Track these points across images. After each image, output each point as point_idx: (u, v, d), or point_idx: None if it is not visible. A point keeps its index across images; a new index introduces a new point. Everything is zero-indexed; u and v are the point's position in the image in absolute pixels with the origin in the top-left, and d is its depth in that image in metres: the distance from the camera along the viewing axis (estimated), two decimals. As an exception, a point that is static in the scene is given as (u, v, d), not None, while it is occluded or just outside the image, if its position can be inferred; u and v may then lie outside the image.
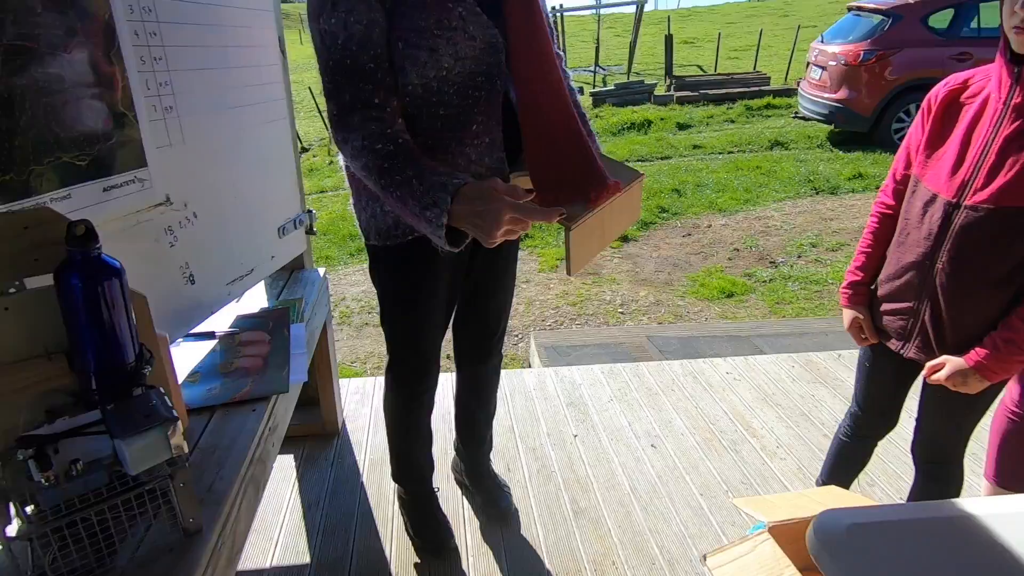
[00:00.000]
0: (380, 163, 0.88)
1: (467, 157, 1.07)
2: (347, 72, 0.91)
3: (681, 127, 9.24)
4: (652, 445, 1.92)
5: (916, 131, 1.12)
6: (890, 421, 1.34)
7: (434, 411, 1.46)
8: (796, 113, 8.47)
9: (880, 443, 1.40)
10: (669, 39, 12.24)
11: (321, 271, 1.73)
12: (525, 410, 2.07)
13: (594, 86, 12.28)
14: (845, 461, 1.44)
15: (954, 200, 1.02)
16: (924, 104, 1.11)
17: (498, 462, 1.79)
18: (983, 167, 0.99)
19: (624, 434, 1.97)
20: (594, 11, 19.41)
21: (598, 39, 16.57)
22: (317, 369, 1.75)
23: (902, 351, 1.17)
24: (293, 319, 1.39)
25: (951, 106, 1.06)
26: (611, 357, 2.66)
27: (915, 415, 1.26)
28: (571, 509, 1.64)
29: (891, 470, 1.80)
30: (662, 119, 9.51)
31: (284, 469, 1.77)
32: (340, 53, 0.90)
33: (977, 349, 1.04)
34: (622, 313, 3.65)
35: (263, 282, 1.54)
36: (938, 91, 1.09)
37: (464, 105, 1.01)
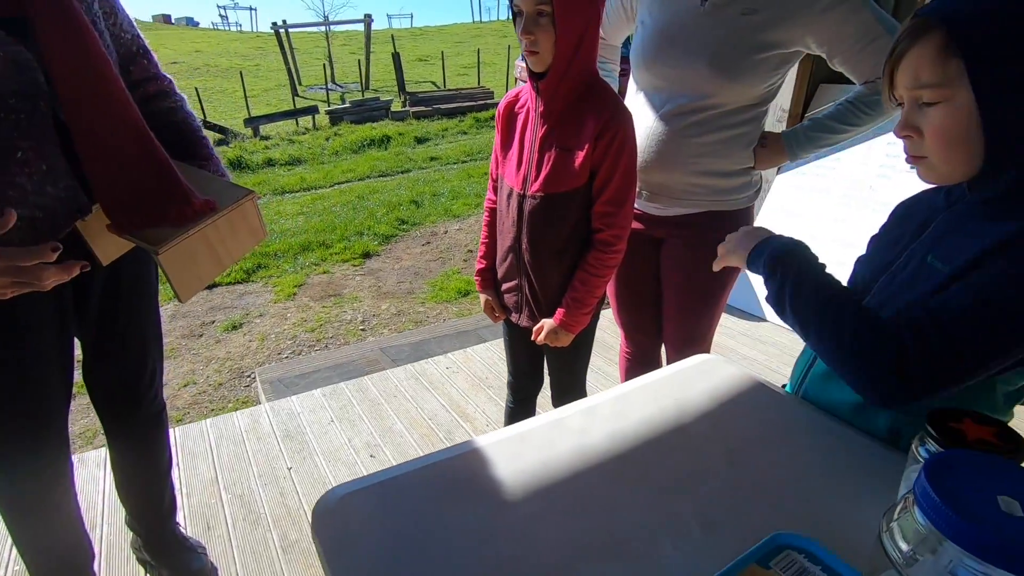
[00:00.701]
0: None
1: (21, 189, 0.93)
2: None
3: (419, 141, 9.61)
4: (371, 455, 1.94)
5: (496, 136, 1.33)
6: (537, 380, 1.57)
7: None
8: (515, 122, 9.44)
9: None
10: (397, 57, 12.62)
11: None
12: (233, 456, 1.92)
13: (329, 104, 12.03)
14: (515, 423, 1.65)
15: (521, 192, 1.24)
16: (496, 113, 1.33)
17: (196, 524, 1.62)
18: (533, 163, 1.22)
19: (343, 452, 1.95)
20: (322, 28, 18.98)
21: (330, 56, 16.28)
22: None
23: (518, 321, 1.38)
24: None
25: (510, 115, 1.28)
26: (342, 377, 2.62)
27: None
28: (279, 546, 1.57)
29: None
30: (400, 134, 9.76)
31: None
32: None
33: (559, 310, 1.28)
34: (363, 330, 3.64)
35: None
36: (503, 102, 1.31)
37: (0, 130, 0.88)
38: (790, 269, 0.72)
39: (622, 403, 0.79)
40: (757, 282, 2.98)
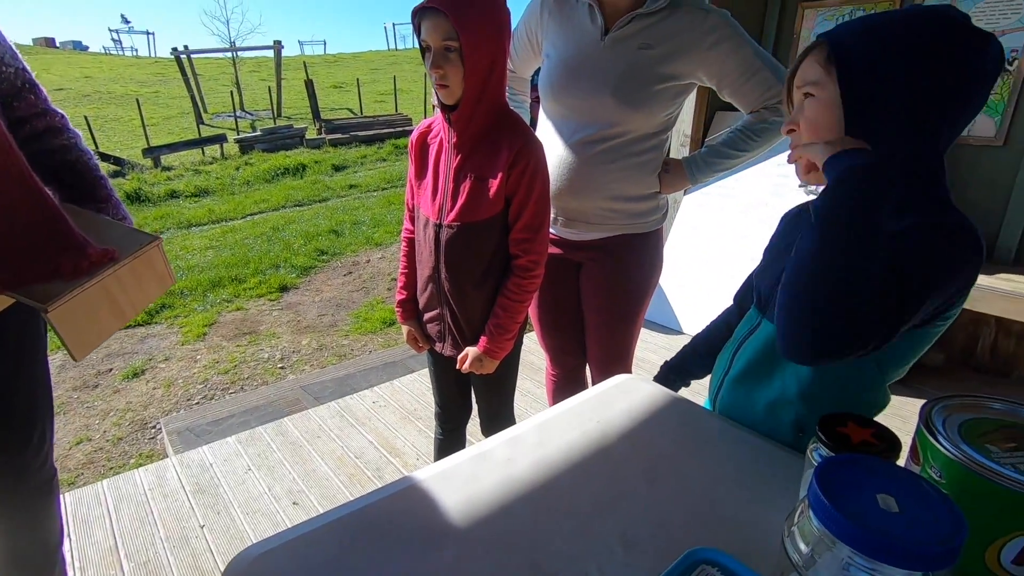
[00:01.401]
0: None
1: None
2: None
3: (337, 168, 9.40)
4: (294, 503, 1.83)
5: (410, 167, 1.33)
6: (465, 409, 1.56)
7: None
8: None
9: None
10: (310, 84, 12.34)
11: None
12: (135, 519, 1.74)
13: (239, 132, 11.53)
14: (445, 454, 1.61)
15: (437, 221, 1.24)
16: (409, 144, 1.32)
17: (92, 599, 1.45)
18: (448, 193, 1.22)
19: (262, 502, 1.83)
20: (228, 55, 18.26)
21: (238, 83, 15.67)
22: None
23: (443, 351, 1.36)
24: None
25: (423, 146, 1.28)
26: (259, 420, 2.47)
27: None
28: (192, 615, 1.43)
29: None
30: (317, 162, 9.51)
31: None
32: None
33: (483, 337, 1.28)
34: (282, 368, 3.45)
35: None
36: (415, 133, 1.31)
37: None
38: (856, 194, 0.65)
39: (546, 430, 0.80)
40: (674, 297, 3.14)
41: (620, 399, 0.88)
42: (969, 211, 0.70)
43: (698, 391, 1.01)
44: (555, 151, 1.38)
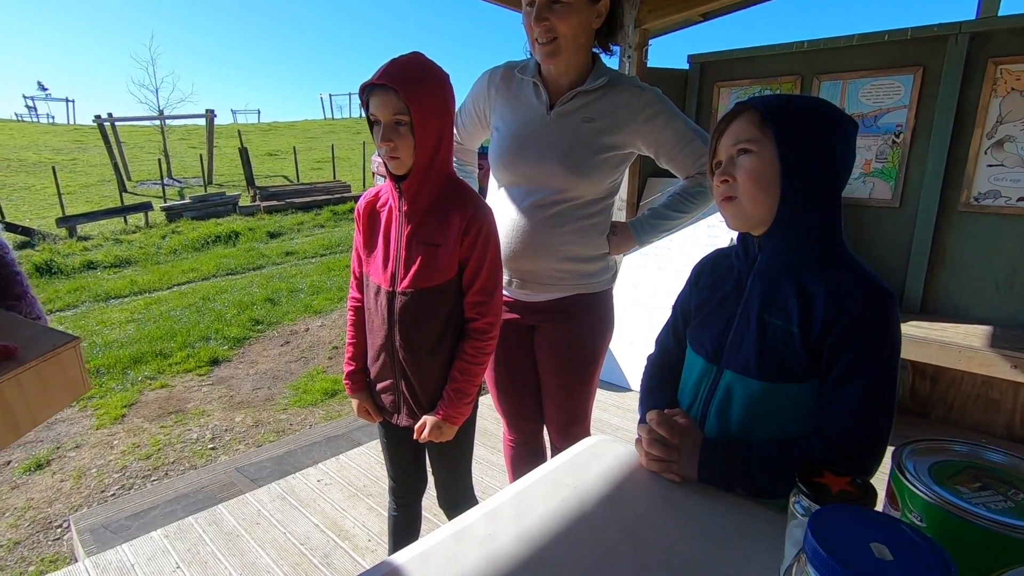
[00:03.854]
0: None
1: None
2: None
3: (272, 235, 9.18)
4: (230, 602, 1.65)
5: (357, 235, 1.31)
6: (421, 482, 1.49)
7: None
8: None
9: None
10: (244, 152, 12.20)
11: None
12: (37, 639, 1.50)
13: (166, 200, 11.11)
14: (402, 531, 1.52)
15: (390, 289, 1.22)
16: (355, 212, 1.32)
17: None
18: (401, 260, 1.21)
19: (193, 605, 1.63)
20: (156, 123, 17.84)
21: (166, 151, 15.26)
22: None
23: (397, 421, 1.31)
24: None
25: (372, 214, 1.28)
26: (188, 510, 2.24)
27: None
28: None
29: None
30: (251, 229, 9.26)
31: None
32: None
33: (441, 403, 1.24)
34: (213, 449, 3.19)
35: None
36: (361, 202, 1.31)
37: None
38: (739, 469, 0.81)
39: (524, 500, 0.77)
40: (620, 354, 3.20)
41: (594, 462, 0.87)
42: (876, 267, 0.84)
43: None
44: (508, 216, 1.42)
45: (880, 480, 0.56)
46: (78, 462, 3.08)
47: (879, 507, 0.56)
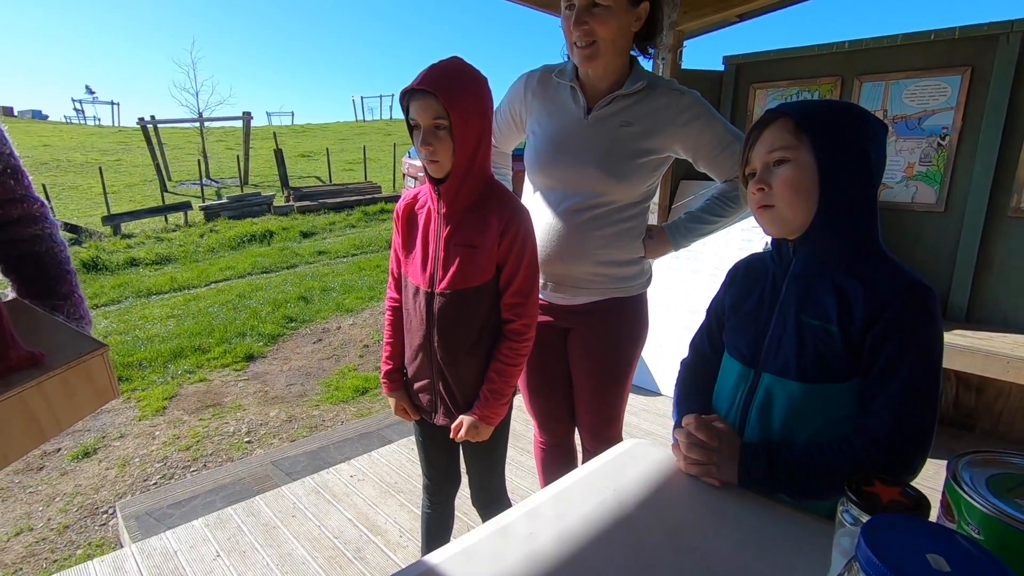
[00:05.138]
0: None
1: None
2: None
3: (305, 235, 9.38)
4: (268, 592, 1.69)
5: (395, 236, 1.34)
6: (455, 480, 1.50)
7: None
8: (404, 215, 9.63)
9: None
10: (279, 153, 12.50)
11: None
12: (88, 619, 1.57)
13: (204, 200, 11.46)
14: (435, 529, 1.54)
15: (429, 289, 1.24)
16: (394, 214, 1.35)
17: None
18: (439, 262, 1.24)
19: (233, 593, 1.69)
20: (195, 125, 18.42)
21: (204, 152, 15.73)
22: None
23: (434, 420, 1.33)
24: None
25: (411, 216, 1.31)
26: (226, 500, 2.31)
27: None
28: None
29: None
30: (285, 229, 9.47)
31: None
32: None
33: (477, 404, 1.26)
34: (249, 442, 3.28)
35: None
36: (400, 203, 1.33)
37: None
38: (780, 473, 0.81)
39: (563, 501, 0.78)
40: (651, 358, 3.17)
41: (632, 466, 0.87)
42: (919, 272, 0.81)
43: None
44: (543, 219, 1.43)
45: (923, 486, 0.55)
46: (122, 451, 3.21)
47: (932, 519, 0.55)
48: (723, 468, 0.82)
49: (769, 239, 0.93)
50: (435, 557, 0.67)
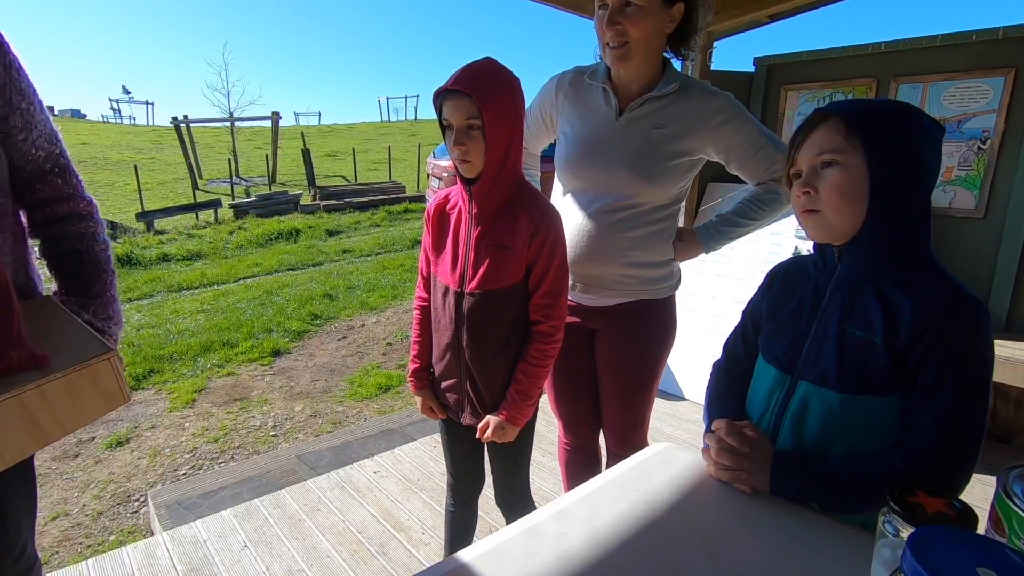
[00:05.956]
0: None
1: None
2: None
3: (331, 233, 9.51)
4: (293, 583, 1.72)
5: (426, 236, 1.35)
6: (478, 480, 1.51)
7: None
8: (428, 215, 9.70)
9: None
10: (307, 153, 12.70)
11: None
12: (122, 603, 1.62)
13: (234, 198, 11.71)
14: (459, 528, 1.55)
15: (458, 289, 1.25)
16: (425, 214, 1.36)
17: None
18: (469, 262, 1.24)
19: (259, 583, 1.72)
20: (226, 124, 18.84)
21: (235, 151, 16.07)
22: None
23: (461, 419, 1.34)
24: None
25: (441, 216, 1.32)
26: (253, 492, 2.36)
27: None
28: None
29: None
30: (311, 227, 9.62)
31: None
32: None
33: (504, 404, 1.27)
34: (275, 436, 3.34)
35: None
36: (431, 203, 1.35)
37: None
38: (814, 482, 0.79)
39: (592, 503, 0.78)
40: (675, 362, 3.14)
41: (661, 469, 0.87)
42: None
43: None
44: (573, 220, 1.43)
45: (970, 499, 0.54)
46: (153, 441, 3.30)
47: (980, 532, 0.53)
48: (754, 475, 0.81)
49: (798, 243, 0.91)
50: (467, 554, 0.68)
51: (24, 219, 1.02)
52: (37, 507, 1.09)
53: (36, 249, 1.06)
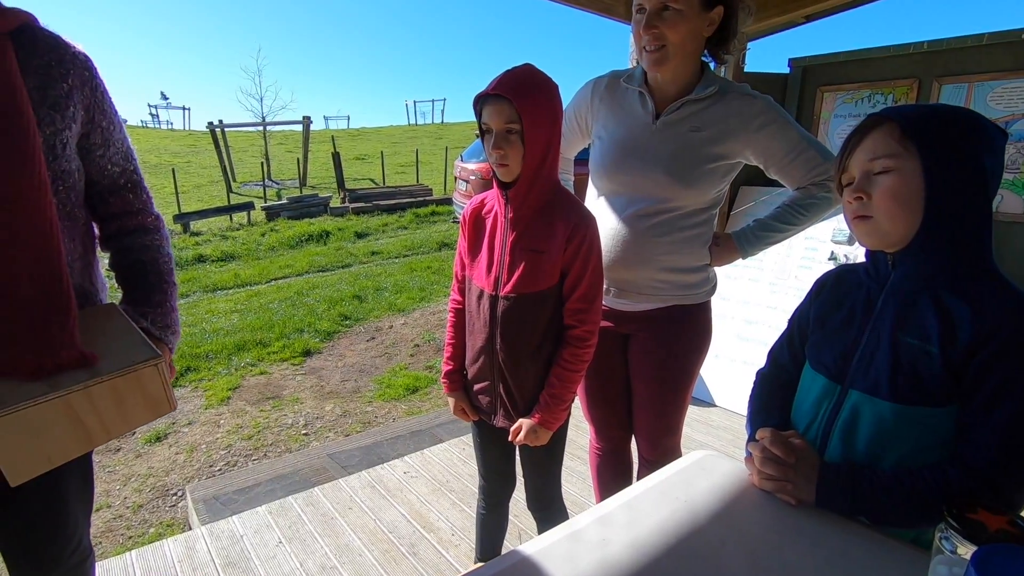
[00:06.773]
0: None
1: None
2: None
3: (360, 236, 9.66)
4: (327, 580, 1.75)
5: (461, 240, 1.37)
6: (509, 482, 1.52)
7: None
8: (454, 218, 9.80)
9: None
10: (337, 156, 12.93)
11: None
12: (164, 595, 1.67)
13: (266, 200, 11.98)
14: (490, 531, 1.56)
15: (493, 293, 1.26)
16: (461, 218, 1.37)
17: None
18: (504, 266, 1.25)
19: (294, 579, 1.75)
20: (259, 128, 19.30)
21: (267, 154, 16.44)
22: None
23: (493, 422, 1.35)
24: None
25: (477, 220, 1.33)
26: (287, 490, 2.41)
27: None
28: None
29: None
30: (340, 229, 9.78)
31: None
32: None
33: (537, 408, 1.27)
34: (306, 435, 3.41)
35: None
36: (468, 208, 1.36)
37: None
38: (864, 495, 0.77)
39: (633, 509, 0.78)
40: (706, 368, 3.10)
41: (702, 477, 0.86)
42: None
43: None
44: (608, 224, 1.42)
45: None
46: (190, 438, 3.39)
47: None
48: (800, 486, 0.80)
49: (832, 248, 0.89)
50: (510, 557, 0.68)
51: (96, 230, 1.07)
52: (93, 502, 1.14)
53: (105, 260, 1.11)
